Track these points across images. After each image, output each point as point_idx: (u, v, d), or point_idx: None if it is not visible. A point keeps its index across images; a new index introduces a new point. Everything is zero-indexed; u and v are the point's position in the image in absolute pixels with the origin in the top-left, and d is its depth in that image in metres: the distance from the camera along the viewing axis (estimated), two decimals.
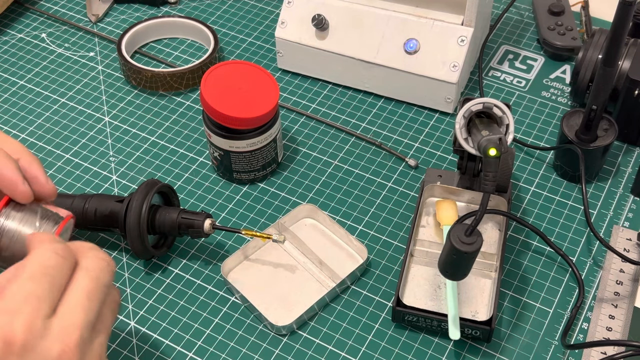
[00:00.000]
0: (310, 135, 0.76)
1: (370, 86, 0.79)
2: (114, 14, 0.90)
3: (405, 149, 0.74)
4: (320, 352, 0.59)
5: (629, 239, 0.65)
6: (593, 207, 0.68)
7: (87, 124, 0.77)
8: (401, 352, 0.59)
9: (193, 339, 0.60)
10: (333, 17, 0.77)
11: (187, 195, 0.70)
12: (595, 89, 0.63)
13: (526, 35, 0.86)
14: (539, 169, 0.72)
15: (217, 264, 0.65)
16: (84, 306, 0.42)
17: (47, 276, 0.41)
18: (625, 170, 0.72)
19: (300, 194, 0.70)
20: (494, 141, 0.52)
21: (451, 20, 0.74)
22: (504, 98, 0.79)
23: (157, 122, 0.77)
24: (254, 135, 0.66)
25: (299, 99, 0.79)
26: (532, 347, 0.59)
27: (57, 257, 0.42)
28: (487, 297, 0.61)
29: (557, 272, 0.64)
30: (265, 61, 0.84)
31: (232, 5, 0.91)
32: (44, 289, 0.41)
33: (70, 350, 0.40)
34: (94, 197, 0.64)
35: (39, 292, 0.40)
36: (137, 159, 0.74)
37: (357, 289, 0.63)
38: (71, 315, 0.41)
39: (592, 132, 0.66)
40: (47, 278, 0.41)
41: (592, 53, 0.72)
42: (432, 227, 0.66)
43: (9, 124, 0.77)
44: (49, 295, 0.41)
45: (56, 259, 0.42)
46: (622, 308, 0.60)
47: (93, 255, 0.44)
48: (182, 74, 0.79)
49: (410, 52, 0.74)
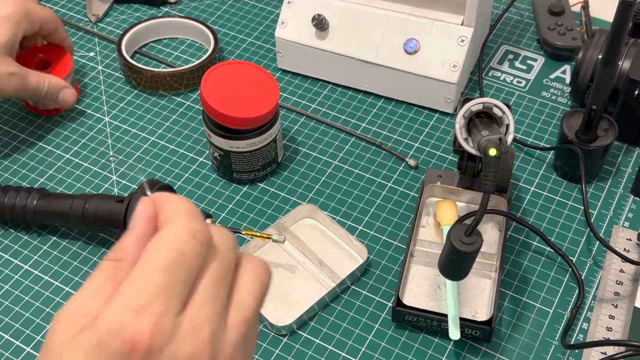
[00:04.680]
0: (310, 135, 0.76)
1: (370, 86, 0.79)
2: (114, 14, 0.90)
3: (405, 149, 0.74)
4: (320, 352, 0.59)
5: (629, 239, 0.65)
6: (593, 207, 0.68)
7: (87, 124, 0.77)
8: (401, 352, 0.59)
9: None
10: (333, 17, 0.77)
11: (187, 195, 0.70)
12: (595, 89, 0.63)
13: (526, 35, 0.86)
14: (539, 169, 0.72)
15: None
16: (213, 296, 0.35)
17: (182, 266, 0.35)
18: (625, 170, 0.72)
19: (300, 194, 0.70)
20: (494, 141, 0.52)
21: (451, 20, 0.74)
22: (504, 98, 0.78)
23: (157, 122, 0.77)
24: (254, 135, 0.66)
25: (299, 99, 0.79)
26: (532, 347, 0.59)
27: (195, 242, 0.35)
28: (487, 297, 0.61)
29: (557, 272, 0.64)
30: (265, 61, 0.84)
31: (232, 5, 0.91)
32: (176, 283, 0.34)
33: (200, 351, 0.34)
34: (94, 197, 0.64)
35: (170, 286, 0.34)
36: (137, 159, 0.74)
37: (357, 289, 0.63)
38: (201, 309, 0.35)
39: (592, 132, 0.66)
40: (182, 269, 0.35)
41: (592, 53, 0.72)
42: (432, 227, 0.66)
43: (9, 124, 0.77)
44: (182, 290, 0.35)
45: (194, 245, 0.35)
46: (622, 308, 0.60)
47: (222, 235, 0.38)
48: (182, 74, 0.79)
49: (410, 52, 0.74)
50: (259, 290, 0.38)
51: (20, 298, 0.63)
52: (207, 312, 0.35)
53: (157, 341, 0.33)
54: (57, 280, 0.64)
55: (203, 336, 0.34)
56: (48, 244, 0.67)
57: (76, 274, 0.65)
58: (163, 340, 0.33)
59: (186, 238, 0.35)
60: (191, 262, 0.35)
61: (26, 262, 0.66)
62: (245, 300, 0.37)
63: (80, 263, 0.65)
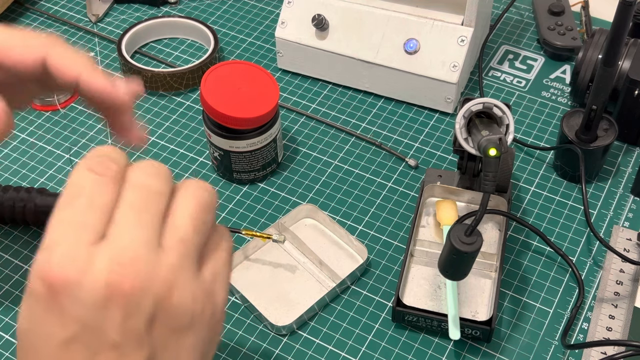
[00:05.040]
0: (310, 135, 0.76)
1: (370, 86, 0.79)
2: (114, 14, 0.90)
3: (405, 149, 0.74)
4: (320, 352, 0.59)
5: (629, 239, 0.65)
6: (593, 207, 0.68)
7: (87, 124, 0.77)
8: (401, 352, 0.59)
9: None
10: (333, 17, 0.77)
11: None
12: (595, 89, 0.63)
13: (526, 35, 0.86)
14: (539, 169, 0.72)
15: None
16: (134, 222, 0.34)
17: (83, 198, 0.35)
18: (625, 170, 0.72)
19: (300, 194, 0.70)
20: (494, 141, 0.52)
21: (451, 20, 0.74)
22: (504, 98, 0.78)
23: (157, 122, 0.77)
24: (254, 135, 0.66)
25: (299, 99, 0.79)
26: (532, 347, 0.59)
27: (91, 174, 0.35)
28: (487, 297, 0.61)
29: (557, 272, 0.64)
30: (265, 61, 0.84)
31: (232, 5, 0.91)
32: (82, 214, 0.34)
33: (121, 277, 0.33)
34: None
35: (77, 217, 0.34)
36: (137, 159, 0.74)
37: (357, 289, 0.63)
38: (120, 236, 0.34)
39: (592, 132, 0.66)
40: (83, 200, 0.34)
41: (592, 53, 0.72)
42: (432, 227, 0.66)
43: None
44: (93, 220, 0.34)
45: (90, 177, 0.35)
46: (622, 308, 0.60)
47: (144, 165, 0.37)
48: (182, 74, 0.79)
49: (410, 52, 0.74)
50: (194, 209, 0.37)
51: (20, 298, 0.63)
52: (128, 239, 0.34)
53: (71, 273, 0.33)
54: None
55: (123, 261, 0.33)
56: None
57: None
58: (78, 272, 0.33)
59: (80, 172, 0.35)
60: (92, 193, 0.35)
61: (26, 262, 0.66)
62: (179, 222, 0.36)
63: None
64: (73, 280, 0.33)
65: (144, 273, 0.34)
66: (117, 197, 0.35)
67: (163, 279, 0.34)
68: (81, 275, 0.33)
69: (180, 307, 0.35)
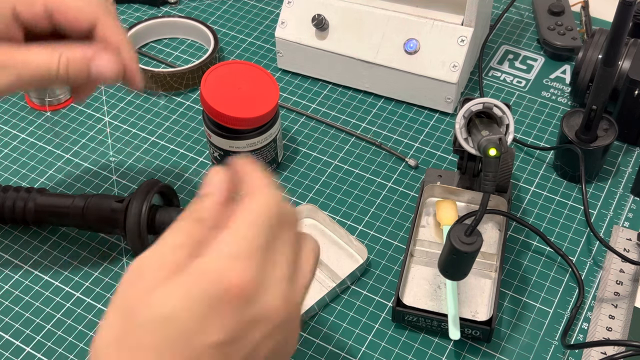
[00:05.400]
0: (310, 135, 0.76)
1: (370, 86, 0.79)
2: None
3: (405, 149, 0.74)
4: (321, 352, 0.59)
5: (629, 239, 0.65)
6: (593, 207, 0.68)
7: (87, 124, 0.77)
8: (401, 352, 0.59)
9: None
10: (333, 17, 0.77)
11: (187, 195, 0.70)
12: (595, 89, 0.63)
13: (526, 35, 0.86)
14: (539, 169, 0.72)
15: None
16: (289, 259, 0.40)
17: (271, 228, 0.39)
18: (625, 170, 0.72)
19: (300, 194, 0.70)
20: (494, 141, 0.52)
21: (451, 20, 0.74)
22: (504, 98, 0.78)
23: (157, 122, 0.77)
24: (254, 135, 0.66)
25: (299, 99, 0.79)
26: (532, 347, 0.59)
27: (282, 209, 0.40)
28: (487, 297, 0.61)
29: (557, 272, 0.64)
30: (265, 61, 0.84)
31: (232, 5, 0.91)
32: (266, 241, 0.38)
33: (280, 305, 0.38)
34: (94, 197, 0.64)
35: (263, 243, 0.38)
36: (137, 159, 0.74)
37: (357, 289, 0.63)
38: (281, 268, 0.39)
39: (592, 132, 0.66)
40: (271, 230, 0.39)
41: (592, 53, 0.72)
42: (432, 227, 0.66)
43: (9, 124, 0.77)
44: (269, 248, 0.39)
45: (281, 210, 0.40)
46: (622, 308, 0.60)
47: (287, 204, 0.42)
48: (182, 74, 0.79)
49: (410, 52, 0.74)
50: (313, 263, 0.42)
51: (20, 298, 0.63)
52: (284, 272, 0.39)
53: (252, 291, 0.36)
54: (57, 280, 0.64)
55: (284, 293, 0.38)
56: (48, 244, 0.67)
57: (76, 274, 0.65)
58: (256, 291, 0.37)
59: (276, 203, 0.39)
60: (276, 226, 0.39)
61: (26, 262, 0.66)
62: (305, 268, 0.41)
63: (80, 263, 0.65)
64: (250, 297, 0.37)
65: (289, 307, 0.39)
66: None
67: (297, 315, 0.40)
68: (256, 294, 0.37)
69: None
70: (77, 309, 0.62)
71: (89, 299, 0.63)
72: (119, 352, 0.36)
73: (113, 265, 0.65)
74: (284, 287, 0.38)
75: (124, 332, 0.36)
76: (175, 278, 0.36)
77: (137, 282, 0.37)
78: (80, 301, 0.63)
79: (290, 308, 0.39)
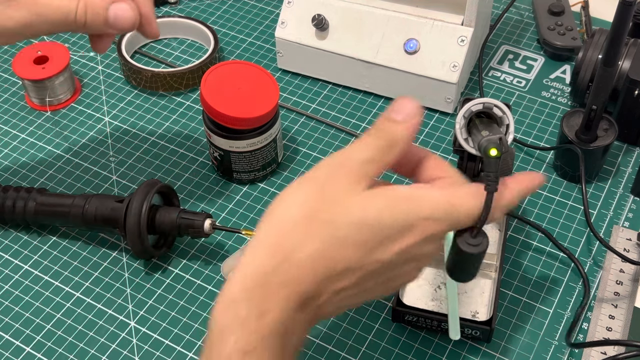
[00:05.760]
0: (310, 135, 0.76)
1: (370, 86, 0.79)
2: None
3: None
4: (320, 352, 0.59)
5: (629, 239, 0.65)
6: (593, 207, 0.68)
7: (87, 124, 0.77)
8: (401, 352, 0.59)
9: (193, 339, 0.60)
10: (333, 17, 0.77)
11: (187, 195, 0.70)
12: (595, 89, 0.63)
13: (526, 35, 0.86)
14: (539, 169, 0.72)
15: (217, 264, 0.65)
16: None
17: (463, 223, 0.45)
18: (625, 170, 0.72)
19: None
20: (494, 141, 0.52)
21: (451, 20, 0.74)
22: (504, 98, 0.78)
23: (157, 122, 0.77)
24: (254, 135, 0.66)
25: (299, 99, 0.79)
26: (532, 347, 0.59)
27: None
28: (487, 297, 0.61)
29: (557, 272, 0.64)
30: (265, 61, 0.84)
31: (232, 5, 0.91)
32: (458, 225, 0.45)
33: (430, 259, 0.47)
34: (94, 197, 0.64)
35: (464, 222, 0.45)
36: (137, 159, 0.74)
37: None
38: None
39: (592, 132, 0.66)
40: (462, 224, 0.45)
41: (592, 53, 0.72)
42: None
43: (9, 124, 0.77)
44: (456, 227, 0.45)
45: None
46: (622, 308, 0.60)
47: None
48: (182, 74, 0.79)
49: (410, 52, 0.74)
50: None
51: (20, 298, 0.63)
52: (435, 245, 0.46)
53: (432, 237, 0.44)
54: (57, 280, 0.64)
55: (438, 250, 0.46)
56: (48, 244, 0.67)
57: (76, 274, 0.65)
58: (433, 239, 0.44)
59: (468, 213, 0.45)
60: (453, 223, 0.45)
61: (26, 262, 0.66)
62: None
63: (80, 263, 0.65)
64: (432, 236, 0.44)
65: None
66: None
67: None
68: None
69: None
70: (77, 309, 0.62)
71: (89, 299, 0.63)
72: (309, 227, 0.41)
73: (113, 265, 0.65)
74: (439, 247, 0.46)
75: (320, 213, 0.41)
76: (382, 193, 0.42)
77: (338, 174, 0.42)
78: (80, 301, 0.63)
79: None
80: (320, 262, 0.41)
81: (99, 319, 0.61)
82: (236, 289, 0.41)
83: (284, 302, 0.40)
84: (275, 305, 0.40)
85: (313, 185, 0.42)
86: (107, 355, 0.59)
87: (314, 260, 0.41)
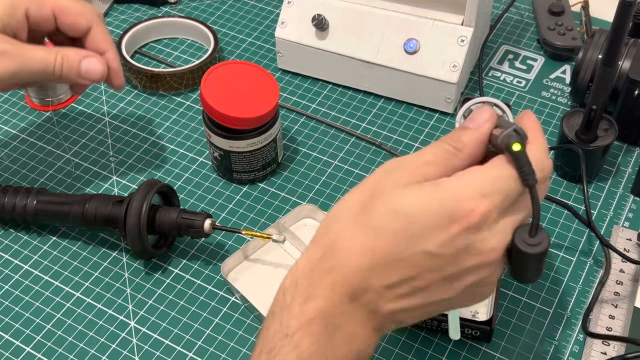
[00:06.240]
0: (310, 135, 0.76)
1: (370, 86, 0.79)
2: (114, 14, 0.90)
3: (405, 149, 0.74)
4: None
5: (629, 239, 0.65)
6: (593, 207, 0.68)
7: (87, 124, 0.77)
8: (401, 352, 0.59)
9: (193, 339, 0.60)
10: (333, 17, 0.77)
11: (187, 195, 0.70)
12: (595, 89, 0.63)
13: (526, 35, 0.86)
14: None
15: (217, 264, 0.65)
16: (522, 218, 0.43)
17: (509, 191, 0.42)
18: (625, 170, 0.72)
19: (300, 194, 0.70)
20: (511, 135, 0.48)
21: (451, 20, 0.74)
22: (504, 98, 0.78)
23: (157, 122, 0.77)
24: (254, 135, 0.66)
25: (299, 99, 0.79)
26: (532, 347, 0.59)
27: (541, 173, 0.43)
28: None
29: (557, 272, 0.64)
30: (265, 61, 0.84)
31: (232, 5, 0.91)
32: (515, 193, 0.42)
33: (498, 253, 0.42)
34: (94, 197, 0.64)
35: (510, 192, 0.42)
36: (137, 159, 0.74)
37: None
38: (513, 222, 0.43)
39: (592, 132, 0.66)
40: (517, 186, 0.42)
41: (592, 53, 0.72)
42: None
43: (9, 124, 0.77)
44: (512, 199, 0.42)
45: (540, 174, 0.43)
46: (622, 308, 0.60)
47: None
48: (182, 74, 0.79)
49: (410, 52, 0.74)
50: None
51: (20, 298, 0.63)
52: (511, 228, 0.42)
53: (479, 224, 0.41)
54: (57, 280, 0.64)
55: (503, 243, 0.42)
56: (48, 244, 0.67)
57: (76, 274, 0.65)
58: (482, 227, 0.41)
59: (540, 165, 0.42)
60: (512, 192, 0.42)
61: (26, 262, 0.66)
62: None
63: (80, 263, 0.65)
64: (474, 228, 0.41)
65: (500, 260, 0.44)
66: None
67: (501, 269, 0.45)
68: (481, 230, 0.41)
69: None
70: (77, 309, 0.62)
71: (89, 299, 0.63)
72: (354, 220, 0.42)
73: (113, 265, 0.65)
74: (504, 239, 0.42)
75: (365, 208, 0.42)
76: (424, 185, 0.42)
77: (392, 174, 0.43)
78: (80, 301, 0.63)
79: (500, 257, 0.42)
80: (360, 251, 0.41)
81: (99, 319, 0.61)
82: (287, 280, 0.43)
83: (329, 290, 0.41)
84: (320, 292, 0.42)
85: (368, 185, 0.44)
86: (107, 355, 0.59)
87: (354, 249, 0.42)
